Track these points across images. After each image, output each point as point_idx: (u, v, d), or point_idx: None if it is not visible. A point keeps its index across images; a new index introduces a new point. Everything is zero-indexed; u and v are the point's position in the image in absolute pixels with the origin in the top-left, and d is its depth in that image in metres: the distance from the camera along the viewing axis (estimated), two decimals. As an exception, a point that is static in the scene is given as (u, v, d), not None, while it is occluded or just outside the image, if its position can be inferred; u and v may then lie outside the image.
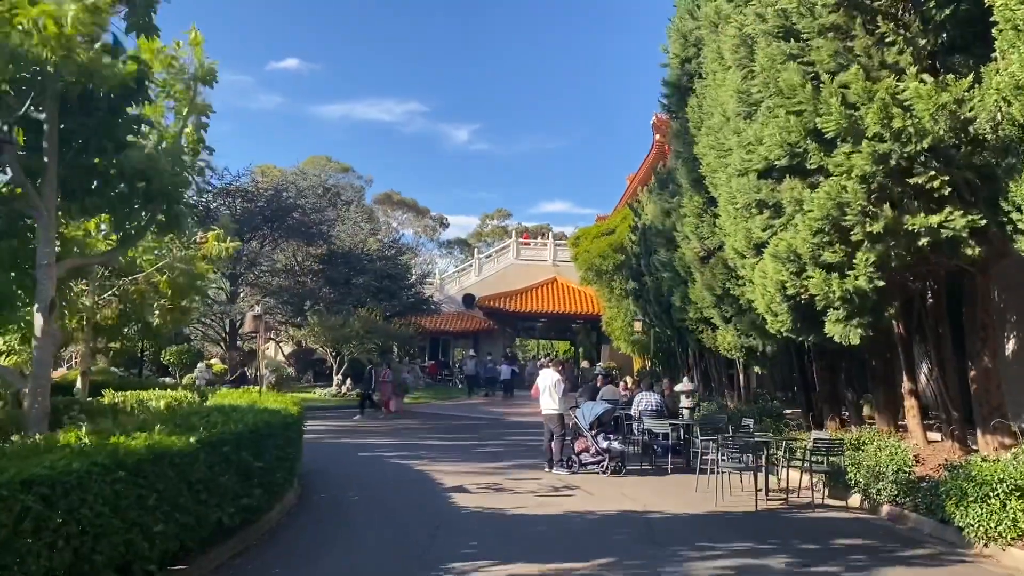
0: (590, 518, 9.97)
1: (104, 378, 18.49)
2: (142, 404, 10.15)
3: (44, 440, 5.76)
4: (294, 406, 10.49)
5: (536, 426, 20.81)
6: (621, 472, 13.51)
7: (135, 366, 34.17)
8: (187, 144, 9.03)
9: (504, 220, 74.70)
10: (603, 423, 14.07)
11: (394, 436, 19.46)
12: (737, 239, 11.47)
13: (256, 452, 8.13)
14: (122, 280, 14.31)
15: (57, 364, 17.55)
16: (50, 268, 6.84)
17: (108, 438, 6.14)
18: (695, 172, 14.52)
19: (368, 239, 42.28)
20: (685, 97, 15.11)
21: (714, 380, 23.63)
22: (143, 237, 8.53)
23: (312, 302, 35.78)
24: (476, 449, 17.01)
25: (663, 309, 21.77)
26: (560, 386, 14.05)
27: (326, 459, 14.49)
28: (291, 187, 39.06)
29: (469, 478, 12.70)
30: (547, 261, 44.44)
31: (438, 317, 41.89)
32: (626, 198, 36.93)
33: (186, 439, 6.65)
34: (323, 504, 10.58)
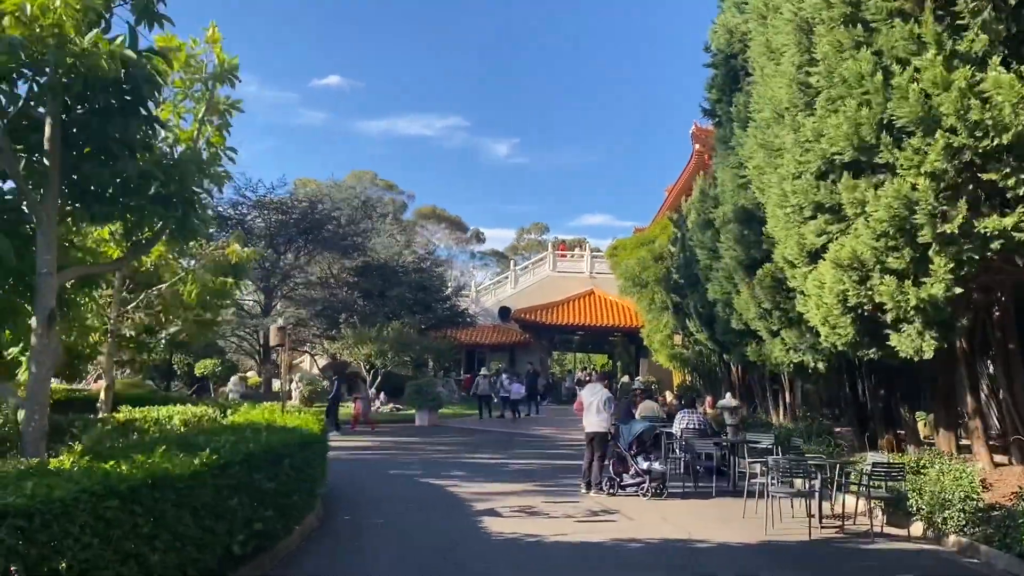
0: (631, 548, 9.24)
1: (138, 392, 18.24)
2: (157, 422, 9.68)
3: (31, 464, 5.24)
4: (316, 423, 9.93)
5: (571, 444, 20.19)
6: (662, 495, 12.75)
7: (169, 379, 34.20)
8: (207, 147, 8.59)
9: (541, 234, 74.19)
10: (643, 442, 13.32)
11: (426, 452, 18.87)
12: (788, 246, 10.70)
13: (270, 474, 7.57)
14: (146, 291, 13.97)
15: (81, 377, 17.27)
16: (50, 277, 6.36)
17: (106, 460, 5.62)
18: (741, 176, 13.76)
19: (403, 251, 41.94)
20: (730, 96, 14.38)
21: (758, 396, 22.70)
22: (156, 244, 8.06)
23: (347, 315, 35.46)
24: (509, 467, 16.33)
25: (705, 322, 20.94)
26: (611, 403, 13.33)
27: (353, 477, 13.93)
28: (326, 199, 38.91)
29: (501, 500, 12.04)
30: (584, 273, 43.68)
31: (473, 330, 41.33)
32: (665, 210, 36.16)
33: (189, 461, 6.10)
34: (346, 528, 9.99)
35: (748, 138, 12.49)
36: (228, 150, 8.65)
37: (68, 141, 6.71)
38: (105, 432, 8.16)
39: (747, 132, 12.65)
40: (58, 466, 5.32)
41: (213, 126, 8.58)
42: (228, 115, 8.67)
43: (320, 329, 37.94)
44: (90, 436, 6.79)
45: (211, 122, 8.63)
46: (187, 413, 10.79)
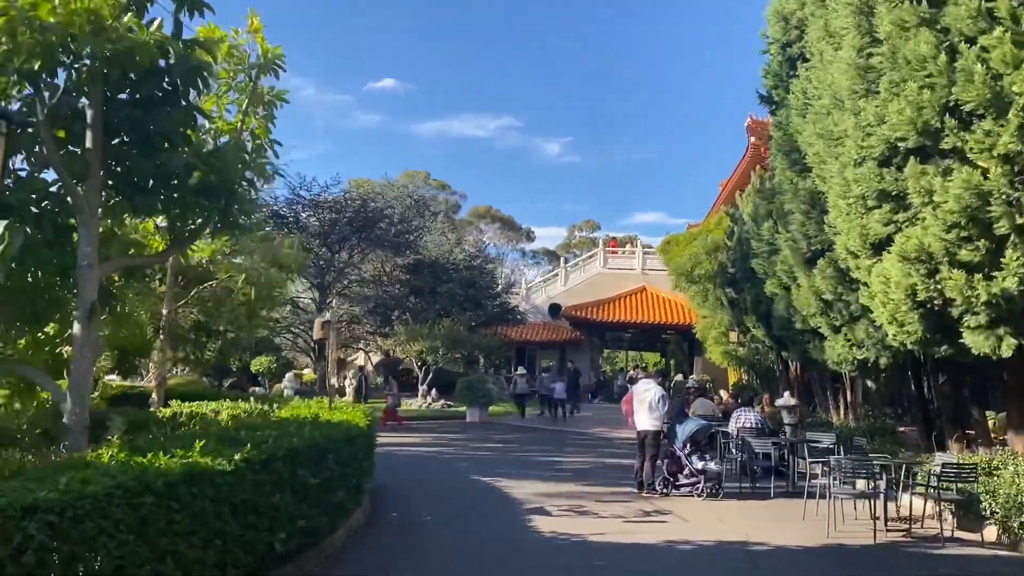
0: (685, 549, 8.90)
1: (193, 388, 18.44)
2: (203, 416, 9.65)
3: (67, 458, 5.16)
4: (363, 418, 9.80)
5: (622, 443, 19.82)
6: (718, 496, 12.35)
7: (226, 376, 34.71)
8: (251, 139, 8.49)
9: (593, 231, 73.65)
10: (697, 442, 12.91)
11: (475, 449, 18.71)
12: (851, 237, 10.20)
13: (314, 469, 7.43)
14: (198, 288, 14.06)
15: (135, 373, 17.51)
16: (90, 269, 6.31)
17: (144, 454, 5.53)
18: (799, 166, 13.24)
19: (454, 249, 41.94)
20: (787, 85, 13.85)
21: (817, 394, 22.00)
22: (199, 237, 7.99)
23: (399, 312, 35.59)
24: (559, 466, 16.05)
25: (761, 318, 20.34)
26: (666, 401, 12.95)
27: (403, 473, 13.83)
28: (378, 197, 39.09)
29: (550, 498, 11.78)
30: (635, 270, 43.07)
31: (524, 327, 41.09)
32: (719, 205, 35.42)
33: (229, 456, 5.98)
34: (393, 525, 9.85)
35: (807, 126, 11.99)
36: (273, 142, 8.54)
37: (109, 131, 6.65)
38: (133, 424, 8.11)
39: (806, 120, 12.14)
40: (95, 460, 5.23)
41: (258, 117, 8.47)
42: (273, 106, 8.56)
43: (373, 326, 38.14)
44: (118, 428, 6.71)
45: (255, 113, 8.53)
46: (236, 408, 10.77)
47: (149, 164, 6.67)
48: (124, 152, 6.74)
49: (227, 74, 8.43)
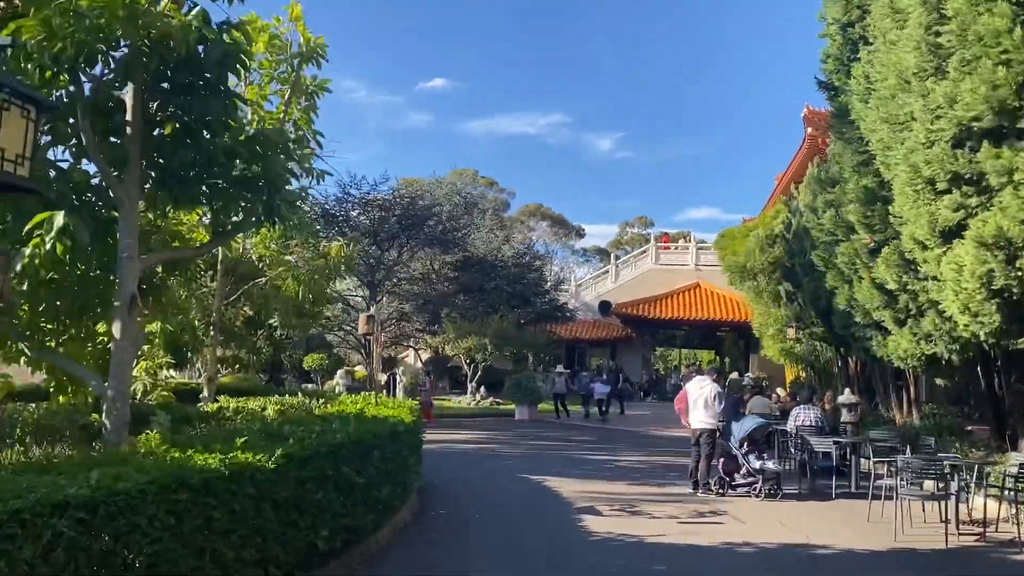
0: (743, 552, 8.51)
1: (246, 385, 18.55)
2: (249, 412, 9.58)
3: (104, 454, 5.03)
4: (408, 414, 9.61)
5: (675, 442, 19.36)
6: (777, 496, 11.89)
7: (275, 373, 35.12)
8: (294, 129, 8.36)
9: (645, 228, 72.82)
10: (755, 440, 12.45)
11: (525, 447, 18.47)
12: (918, 225, 9.66)
13: (358, 466, 7.25)
14: (248, 284, 14.07)
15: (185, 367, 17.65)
16: (131, 261, 6.20)
17: (184, 450, 5.40)
18: (862, 153, 12.66)
19: (502, 246, 41.76)
20: (848, 69, 13.26)
21: (878, 392, 21.24)
22: (242, 231, 7.87)
23: (447, 309, 35.57)
24: (609, 464, 15.70)
25: (821, 313, 19.71)
26: (721, 398, 12.54)
27: (451, 470, 13.65)
28: (427, 195, 39.13)
29: (601, 498, 11.46)
30: (689, 265, 42.27)
31: (573, 325, 40.67)
32: (775, 199, 34.54)
33: (271, 452, 5.81)
34: (440, 522, 9.64)
35: (870, 111, 11.43)
36: (316, 133, 8.40)
37: (149, 122, 6.54)
38: (179, 419, 8.03)
39: (869, 105, 11.59)
40: (132, 455, 5.11)
41: (300, 108, 8.33)
42: (316, 96, 8.42)
43: (422, 324, 38.20)
44: (161, 424, 6.62)
45: (298, 104, 8.39)
46: (284, 404, 10.70)
47: (189, 154, 6.54)
48: (164, 142, 6.62)
49: (269, 64, 8.31)
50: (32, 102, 4.31)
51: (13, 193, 4.42)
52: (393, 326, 38.21)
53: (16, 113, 4.23)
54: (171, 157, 6.53)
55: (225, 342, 15.25)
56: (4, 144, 4.15)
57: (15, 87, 4.19)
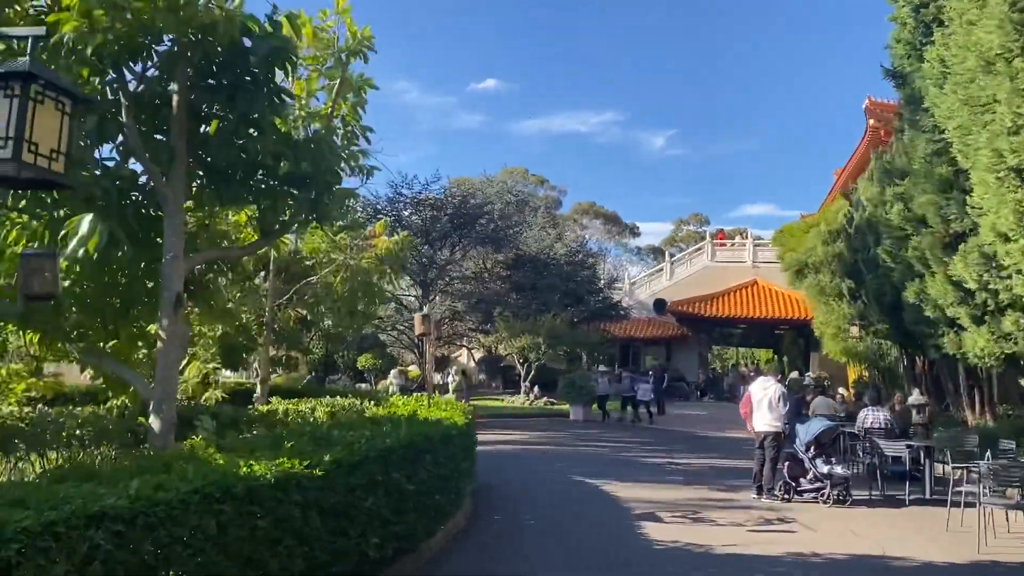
0: (815, 563, 8.04)
1: (300, 386, 18.58)
2: (299, 414, 9.42)
3: (147, 460, 4.86)
4: (461, 416, 9.34)
5: (734, 444, 18.79)
6: (846, 502, 11.35)
7: (327, 373, 35.34)
8: (342, 126, 8.16)
9: (701, 225, 71.62)
10: (822, 443, 11.90)
11: (580, 448, 18.10)
12: (1001, 216, 9.04)
13: (410, 470, 6.99)
14: (299, 284, 14.00)
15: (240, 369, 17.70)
16: (176, 261, 6.04)
17: (229, 455, 5.21)
18: (936, 141, 11.98)
19: (554, 244, 41.39)
20: (920, 53, 12.58)
21: (948, 393, 20.31)
22: (289, 230, 7.69)
23: (500, 308, 35.34)
24: (668, 467, 15.24)
25: (886, 310, 18.87)
26: (786, 400, 12.04)
27: (505, 473, 13.36)
28: (478, 194, 38.99)
29: (661, 503, 11.06)
30: (746, 262, 41.32)
31: (627, 323, 40.07)
32: (834, 194, 33.56)
33: (319, 457, 5.58)
34: (495, 528, 9.35)
35: (946, 96, 10.79)
36: (365, 128, 8.18)
37: (195, 119, 6.40)
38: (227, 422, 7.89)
39: (944, 89, 10.94)
40: (175, 462, 4.91)
41: (347, 103, 8.12)
42: (363, 92, 8.20)
43: (475, 323, 38.06)
44: (207, 428, 6.45)
45: (346, 100, 8.18)
46: (336, 405, 10.54)
47: (235, 152, 6.36)
48: (210, 140, 6.46)
49: (315, 59, 8.11)
50: (67, 95, 4.13)
51: (48, 189, 4.23)
52: (446, 325, 38.13)
53: (50, 106, 4.05)
54: (217, 155, 6.36)
55: (278, 342, 15.19)
56: (38, 139, 3.97)
57: (49, 79, 4.01)
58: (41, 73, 3.96)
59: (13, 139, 3.88)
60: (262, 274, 14.35)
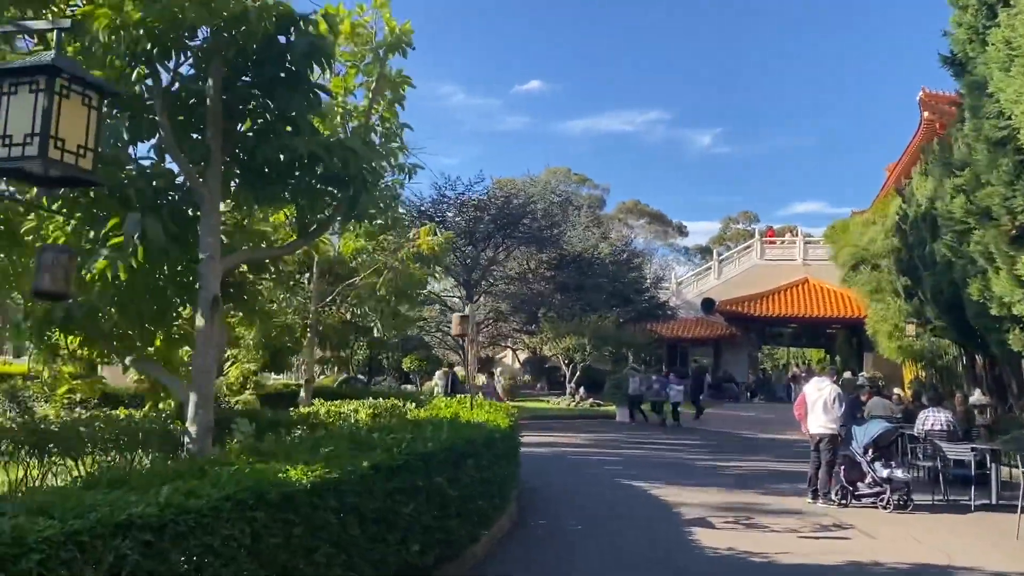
0: (877, 572, 7.66)
1: (345, 386, 18.58)
2: (341, 416, 9.29)
3: (180, 465, 4.73)
4: (504, 418, 9.12)
5: (785, 446, 18.26)
6: (907, 508, 10.88)
7: (378, 374, 35.44)
8: (380, 123, 8.02)
9: (750, 223, 70.43)
10: (880, 447, 11.44)
11: (626, 450, 17.76)
12: (1074, 206, 8.52)
13: (452, 475, 6.79)
14: (342, 285, 13.94)
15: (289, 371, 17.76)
16: (212, 261, 5.93)
17: (266, 460, 5.07)
18: (1001, 128, 11.39)
19: (599, 243, 41.00)
20: (983, 37, 11.99)
21: (1012, 393, 19.52)
22: (328, 229, 7.55)
23: (545, 309, 35.10)
24: (717, 470, 14.84)
25: (944, 308, 18.20)
26: (841, 401, 11.63)
27: (550, 475, 13.13)
28: (521, 194, 38.83)
29: (712, 507, 10.73)
30: (796, 260, 40.40)
31: (675, 323, 39.48)
32: (887, 190, 32.66)
33: (358, 462, 5.41)
34: (539, 534, 9.11)
35: (1012, 79, 10.24)
36: (403, 126, 8.03)
37: (231, 117, 6.28)
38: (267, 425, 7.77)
39: (1011, 73, 10.39)
40: (211, 467, 4.78)
41: (385, 100, 7.97)
42: (401, 89, 8.04)
43: (519, 323, 37.86)
44: (244, 432, 6.32)
45: (384, 97, 8.04)
46: (378, 407, 10.41)
47: (272, 150, 6.23)
48: (247, 138, 6.34)
49: (353, 55, 7.98)
50: (94, 89, 4.01)
51: (76, 187, 4.12)
52: (489, 327, 38.02)
53: (76, 101, 3.93)
54: (253, 154, 6.23)
55: (323, 344, 15.16)
56: (64, 134, 3.86)
57: (75, 72, 3.90)
58: (66, 66, 3.84)
59: (39, 135, 3.77)
60: (306, 276, 14.34)
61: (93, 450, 6.54)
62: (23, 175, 3.88)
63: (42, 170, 3.90)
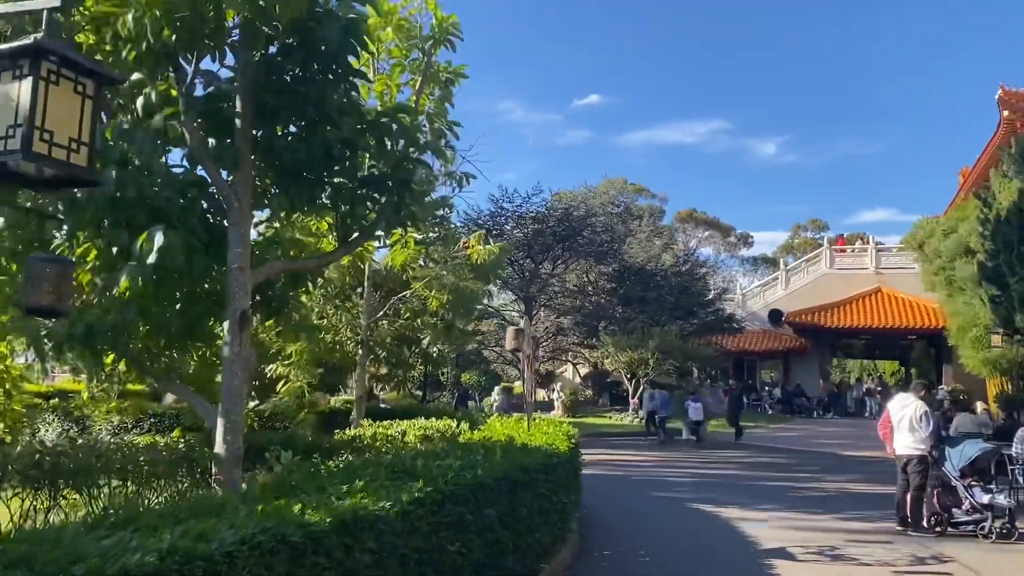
0: (990, 618, 6.74)
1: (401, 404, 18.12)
2: (388, 438, 8.72)
3: (197, 501, 4.22)
4: (564, 440, 8.44)
5: (867, 465, 17.11)
6: (1011, 537, 9.82)
7: (437, 391, 35.08)
8: (428, 122, 7.50)
9: (819, 232, 68.46)
10: (979, 469, 10.41)
11: (692, 470, 16.83)
12: None
13: (506, 507, 6.16)
14: (393, 299, 13.48)
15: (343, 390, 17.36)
16: (241, 274, 5.43)
17: (294, 493, 4.53)
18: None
19: (662, 254, 40.01)
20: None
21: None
22: (372, 237, 7.02)
23: (605, 322, 34.27)
24: (794, 492, 13.85)
25: (1038, 316, 16.92)
26: (929, 419, 10.66)
27: (613, 499, 12.38)
28: (581, 206, 38.17)
29: (791, 535, 9.85)
30: (868, 269, 38.71)
31: (741, 336, 38.18)
32: (962, 195, 31.07)
33: (396, 495, 4.82)
34: (605, 566, 8.37)
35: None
36: (452, 124, 7.48)
37: (261, 115, 5.79)
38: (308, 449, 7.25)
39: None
40: (231, 503, 4.25)
41: (434, 98, 7.45)
42: (452, 85, 7.51)
43: (580, 337, 37.10)
44: (287, 462, 5.79)
45: (431, 94, 7.52)
46: (429, 427, 9.85)
47: (304, 148, 5.74)
48: (277, 138, 5.86)
49: (399, 52, 7.49)
50: (88, 74, 3.52)
51: (73, 188, 3.63)
52: (548, 341, 37.33)
53: (67, 88, 3.44)
54: (285, 154, 5.74)
55: (376, 360, 14.71)
56: (52, 126, 3.37)
57: (64, 54, 3.40)
58: (54, 48, 3.35)
59: (22, 127, 3.29)
60: (359, 291, 13.92)
61: (108, 481, 6.07)
62: (8, 174, 3.40)
63: (31, 168, 3.43)
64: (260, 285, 6.84)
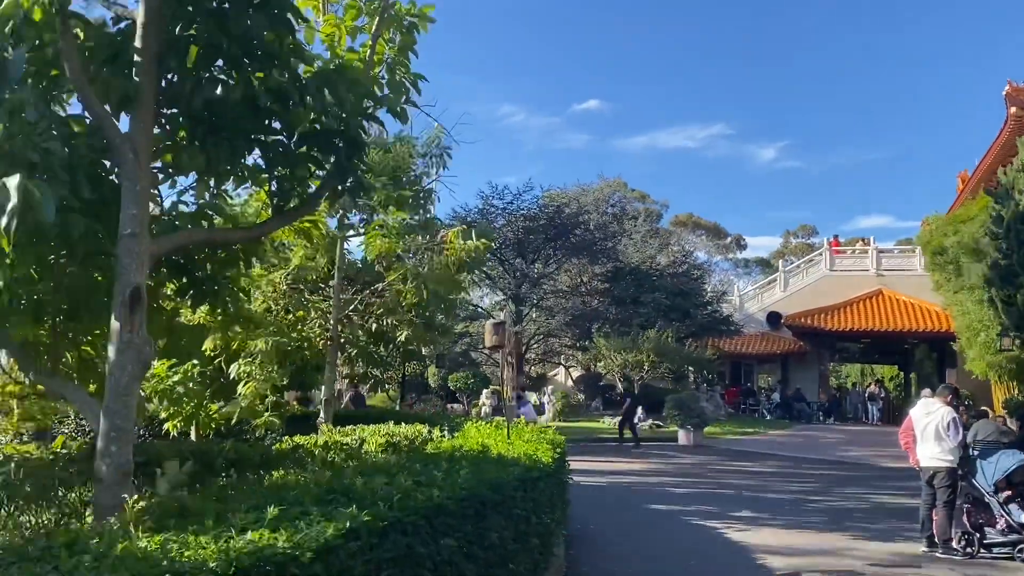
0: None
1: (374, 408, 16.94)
2: (344, 447, 7.52)
3: (42, 542, 3.08)
4: (547, 450, 7.28)
5: (883, 476, 16.01)
6: (1052, 560, 8.71)
7: (425, 392, 33.95)
8: (387, 73, 6.39)
9: (809, 236, 67.87)
10: (1015, 483, 9.30)
11: (692, 480, 15.67)
12: None
13: (474, 533, 5.01)
14: (363, 293, 12.34)
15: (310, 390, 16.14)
16: (135, 241, 4.28)
17: (185, 522, 3.40)
18: None
19: (656, 255, 38.94)
20: None
21: None
22: (314, 207, 5.85)
23: (598, 323, 33.16)
24: (803, 504, 12.73)
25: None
26: (958, 427, 9.58)
27: (604, 511, 11.29)
28: (573, 203, 37.10)
29: (804, 558, 8.74)
30: (869, 271, 37.68)
31: (738, 339, 37.10)
32: (965, 196, 30.13)
33: (326, 526, 3.67)
34: (594, 595, 7.26)
35: None
36: (417, 77, 6.34)
37: (173, 50, 4.64)
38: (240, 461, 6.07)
39: None
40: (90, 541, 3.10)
41: (393, 45, 6.31)
42: (415, 30, 6.36)
43: (572, 339, 35.99)
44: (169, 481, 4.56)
45: (391, 42, 6.38)
46: (397, 433, 8.69)
47: (224, 92, 4.59)
48: (191, 79, 4.70)
49: (349, -6, 6.35)
50: None
51: None
52: (541, 342, 36.20)
53: None
54: (195, 98, 4.59)
55: (348, 359, 13.55)
56: None
57: None
58: None
59: None
60: (332, 284, 12.78)
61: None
62: None
63: None
64: (184, 264, 5.71)
